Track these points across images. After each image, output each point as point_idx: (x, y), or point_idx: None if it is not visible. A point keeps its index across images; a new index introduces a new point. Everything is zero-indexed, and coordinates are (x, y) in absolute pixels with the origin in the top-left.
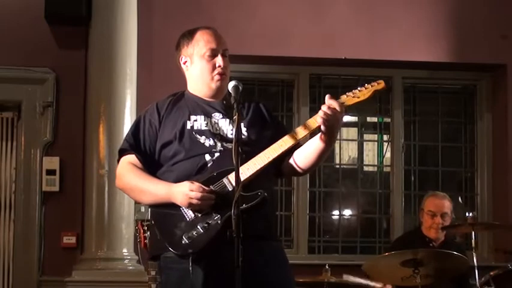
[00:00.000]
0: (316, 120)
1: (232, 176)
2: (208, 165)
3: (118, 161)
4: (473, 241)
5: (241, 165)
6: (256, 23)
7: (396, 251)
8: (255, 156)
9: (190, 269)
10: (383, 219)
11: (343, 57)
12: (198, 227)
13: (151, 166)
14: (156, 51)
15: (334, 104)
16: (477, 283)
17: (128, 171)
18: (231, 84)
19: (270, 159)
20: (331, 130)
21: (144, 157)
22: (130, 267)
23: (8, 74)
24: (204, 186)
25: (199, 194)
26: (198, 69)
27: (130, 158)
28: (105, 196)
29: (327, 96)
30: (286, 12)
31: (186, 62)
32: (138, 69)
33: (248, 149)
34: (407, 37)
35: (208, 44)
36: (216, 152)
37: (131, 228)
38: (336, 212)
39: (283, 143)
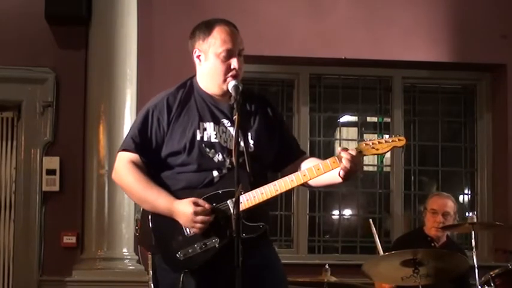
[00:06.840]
0: (332, 165)
1: None
2: (215, 181)
3: (118, 151)
4: (473, 241)
5: (248, 191)
6: (256, 23)
7: (396, 251)
8: (260, 173)
9: (181, 285)
10: (383, 219)
11: (343, 57)
12: (196, 245)
13: (154, 166)
14: (156, 51)
15: (353, 155)
16: (477, 283)
17: (129, 173)
18: (231, 84)
19: (278, 192)
20: (351, 176)
21: (148, 158)
22: (131, 267)
23: (8, 74)
24: (207, 205)
25: (205, 218)
26: (212, 68)
27: (133, 157)
28: (105, 196)
29: (341, 149)
30: (286, 12)
31: (199, 56)
32: (138, 69)
33: (256, 164)
34: (408, 37)
35: (224, 45)
36: (224, 168)
37: (131, 228)
38: (335, 212)
39: (295, 180)
